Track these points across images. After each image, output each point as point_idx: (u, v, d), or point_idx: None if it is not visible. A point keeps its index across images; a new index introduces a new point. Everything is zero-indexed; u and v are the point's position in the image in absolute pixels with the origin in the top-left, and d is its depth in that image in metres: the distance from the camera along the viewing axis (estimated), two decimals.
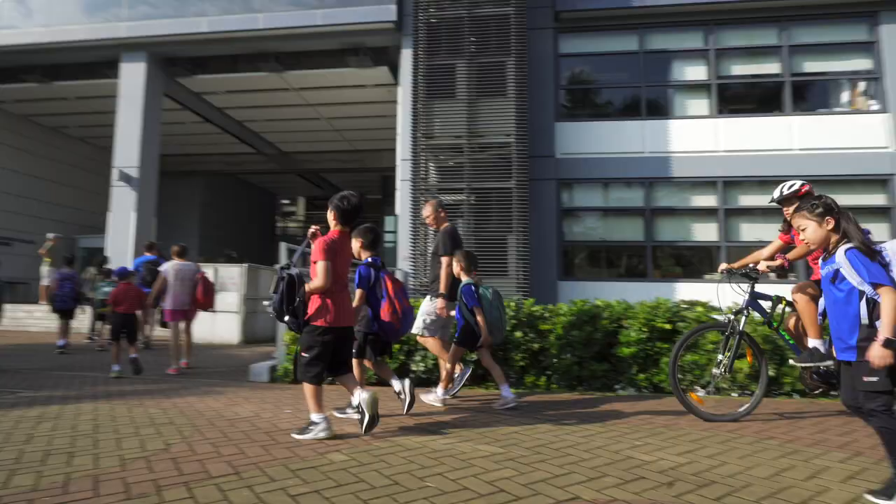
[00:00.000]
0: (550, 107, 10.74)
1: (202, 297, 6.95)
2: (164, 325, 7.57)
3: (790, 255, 3.90)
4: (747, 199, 10.27)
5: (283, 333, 5.73)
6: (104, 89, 13.61)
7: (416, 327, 4.44)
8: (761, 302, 4.03)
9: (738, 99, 11.03)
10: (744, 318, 3.94)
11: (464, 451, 2.97)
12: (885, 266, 2.26)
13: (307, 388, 3.27)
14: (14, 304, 12.63)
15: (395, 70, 12.25)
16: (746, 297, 3.96)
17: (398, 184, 11.13)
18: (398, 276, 10.88)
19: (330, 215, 3.55)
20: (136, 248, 11.91)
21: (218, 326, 10.47)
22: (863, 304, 2.24)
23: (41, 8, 12.89)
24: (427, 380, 5.25)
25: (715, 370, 4.03)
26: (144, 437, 3.24)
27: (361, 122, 16.37)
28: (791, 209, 3.75)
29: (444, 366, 4.47)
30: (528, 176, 9.66)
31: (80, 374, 6.06)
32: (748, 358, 4.27)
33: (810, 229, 2.43)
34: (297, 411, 4.05)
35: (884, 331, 2.13)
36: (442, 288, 4.46)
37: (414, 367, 5.32)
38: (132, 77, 12.50)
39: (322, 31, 11.49)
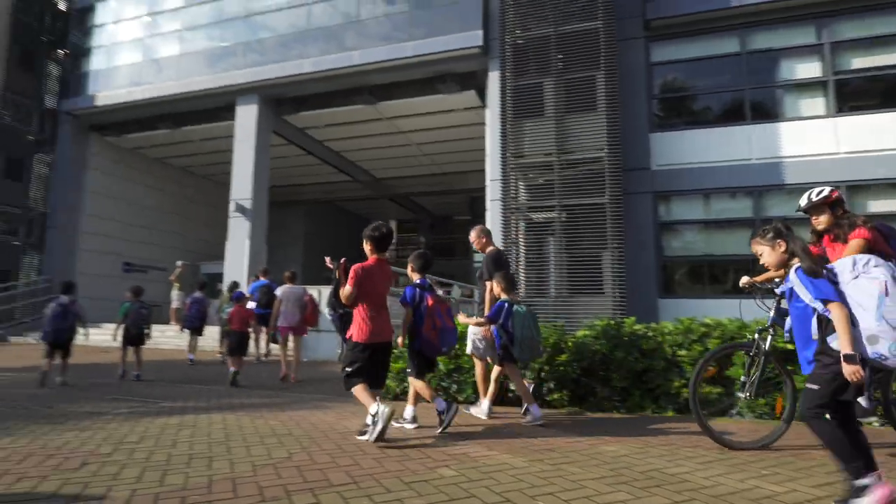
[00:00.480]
0: (644, 118, 10.40)
1: (310, 316, 7.66)
2: (274, 340, 8.40)
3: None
4: (876, 205, 9.21)
5: None
6: (222, 131, 15.18)
7: (468, 348, 4.66)
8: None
9: (860, 95, 9.99)
10: (769, 336, 3.60)
11: (573, 473, 2.91)
12: (835, 283, 2.34)
13: (356, 391, 3.69)
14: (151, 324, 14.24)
15: (482, 93, 12.50)
16: (772, 313, 3.61)
17: (488, 204, 11.26)
18: (477, 294, 10.98)
19: (366, 246, 3.90)
20: (249, 272, 13.02)
21: (322, 344, 11.09)
22: (814, 320, 2.37)
23: (170, 64, 14.73)
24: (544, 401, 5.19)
25: (739, 393, 3.70)
26: (269, 445, 3.52)
27: (450, 145, 16.81)
28: (820, 217, 3.50)
29: (492, 380, 4.64)
30: (622, 190, 9.38)
31: (207, 386, 6.70)
32: (778, 404, 3.82)
33: (766, 253, 2.62)
34: (401, 428, 4.18)
35: (842, 347, 2.21)
36: (486, 310, 4.66)
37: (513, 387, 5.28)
38: (246, 118, 13.84)
39: (412, 61, 12.06)
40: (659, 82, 10.86)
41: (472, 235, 5.14)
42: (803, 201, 3.62)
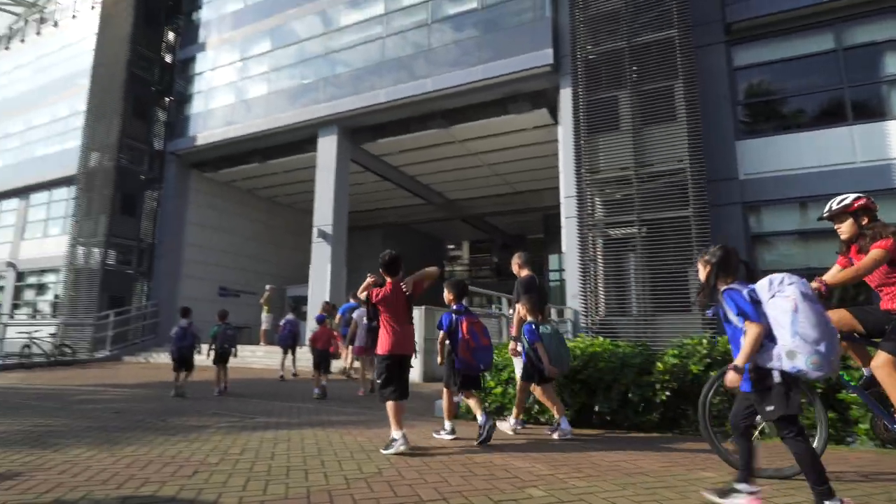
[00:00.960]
0: (729, 125, 9.89)
1: None
2: (356, 359, 8.92)
3: (828, 279, 3.24)
4: None
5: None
6: (305, 162, 16.16)
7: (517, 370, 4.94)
8: None
9: None
10: None
11: (670, 499, 2.77)
12: (757, 303, 2.48)
13: (389, 407, 3.93)
14: (240, 344, 15.22)
15: (553, 110, 12.46)
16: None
17: (563, 221, 11.10)
18: (567, 314, 10.74)
19: (382, 273, 4.40)
20: (331, 295, 13.61)
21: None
22: (742, 338, 2.47)
23: (258, 104, 15.95)
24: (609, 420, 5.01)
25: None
26: (359, 461, 3.64)
27: (522, 164, 16.80)
28: (842, 227, 3.32)
29: (518, 397, 4.86)
30: (707, 202, 8.91)
31: (296, 404, 7.03)
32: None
33: (701, 272, 2.76)
34: (485, 446, 4.17)
35: (738, 358, 2.42)
36: (513, 331, 4.90)
37: (598, 408, 5.11)
38: (326, 149, 14.66)
39: (483, 84, 12.28)
40: (744, 87, 10.30)
41: (513, 260, 5.43)
42: (826, 210, 3.42)
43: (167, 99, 18.30)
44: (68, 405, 6.63)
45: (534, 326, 4.60)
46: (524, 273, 5.28)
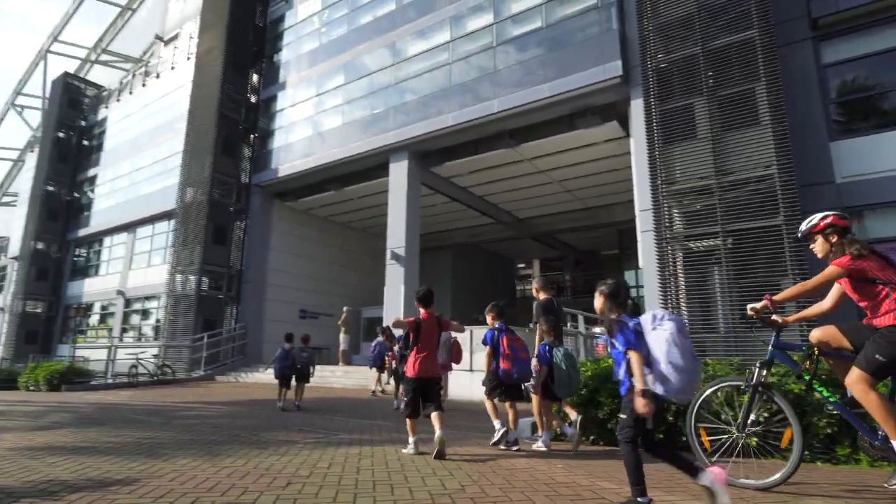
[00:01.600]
0: (821, 126, 9.20)
1: (455, 356, 8.39)
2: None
3: (777, 296, 3.30)
4: None
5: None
6: (377, 187, 16.77)
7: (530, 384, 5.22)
8: (790, 353, 3.52)
9: None
10: (765, 371, 3.38)
11: None
12: (640, 334, 2.78)
13: (408, 421, 4.71)
14: (320, 365, 15.82)
15: (624, 122, 12.18)
16: (770, 347, 3.44)
17: (639, 235, 10.73)
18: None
19: (417, 305, 4.89)
20: (404, 315, 13.88)
21: (475, 385, 11.27)
22: (624, 363, 2.77)
23: (332, 135, 16.81)
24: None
25: (734, 430, 3.44)
26: (441, 477, 3.67)
27: (593, 179, 16.48)
28: (815, 246, 3.38)
29: (540, 415, 5.14)
30: (799, 208, 8.28)
31: (376, 421, 7.19)
32: (785, 436, 3.39)
33: (597, 301, 2.99)
34: (568, 467, 4.07)
35: (637, 383, 2.66)
36: (534, 351, 5.22)
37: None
38: (398, 174, 15.15)
39: (550, 101, 12.26)
40: (836, 84, 9.57)
41: (533, 284, 5.97)
42: (799, 230, 3.53)
43: (252, 135, 19.77)
44: (172, 420, 7.18)
45: (546, 348, 5.01)
46: (542, 296, 5.71)
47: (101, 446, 4.93)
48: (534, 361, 5.09)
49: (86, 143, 29.66)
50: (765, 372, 3.39)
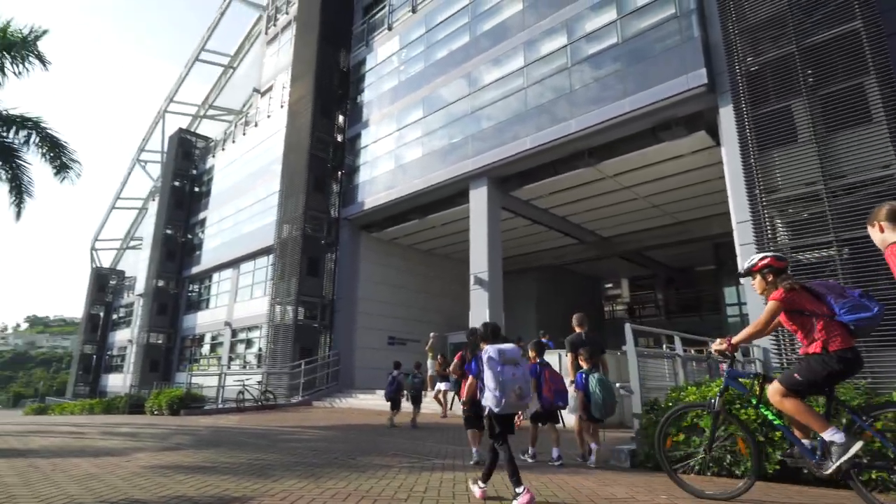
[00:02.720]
0: None
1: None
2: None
3: (735, 338, 3.60)
4: None
5: (638, 420, 5.65)
6: (459, 214, 17.08)
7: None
8: (742, 380, 3.89)
9: None
10: (719, 397, 3.86)
11: None
12: (483, 362, 3.74)
13: (470, 434, 5.67)
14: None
15: (713, 132, 11.59)
16: (725, 375, 3.86)
17: (737, 249, 10.06)
18: (756, 353, 9.51)
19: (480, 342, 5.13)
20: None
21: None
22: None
23: (413, 166, 17.43)
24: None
25: (700, 450, 4.03)
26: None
27: (682, 192, 15.71)
28: (755, 284, 3.64)
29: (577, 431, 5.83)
30: None
31: (467, 448, 7.18)
32: (740, 444, 4.10)
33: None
34: (673, 497, 3.84)
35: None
36: (569, 378, 6.03)
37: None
38: (478, 200, 15.35)
39: (631, 116, 11.95)
40: None
41: (573, 321, 6.85)
42: (740, 269, 3.96)
43: (339, 172, 21.00)
44: (276, 443, 7.64)
45: (583, 376, 5.74)
46: (578, 329, 6.77)
47: (218, 466, 5.36)
48: (572, 388, 5.83)
49: (197, 189, 33.01)
50: (720, 398, 3.86)
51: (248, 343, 25.00)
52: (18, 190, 12.87)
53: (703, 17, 11.24)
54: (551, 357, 10.28)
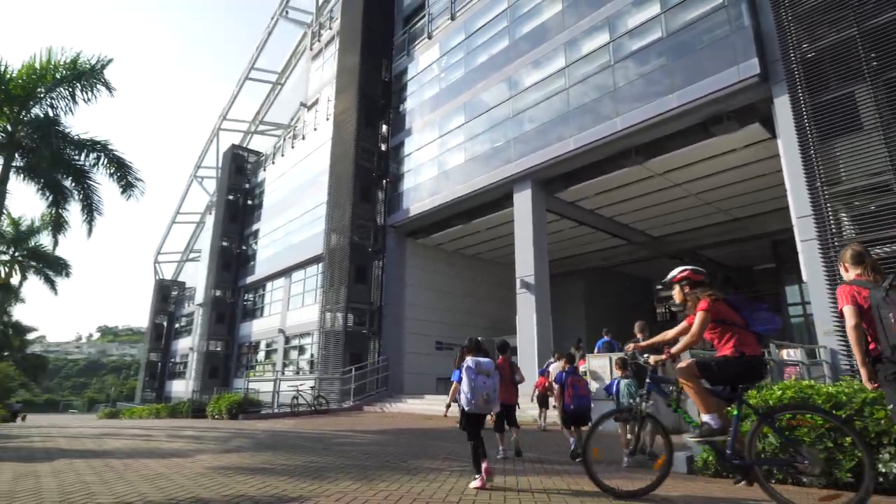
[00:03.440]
0: None
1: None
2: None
3: (674, 349, 3.89)
4: None
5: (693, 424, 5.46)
6: (503, 218, 17.03)
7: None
8: (663, 385, 4.09)
9: None
10: (644, 402, 3.98)
11: None
12: (464, 370, 4.55)
13: (496, 435, 6.52)
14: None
15: (768, 123, 11.08)
16: (647, 380, 4.01)
17: (798, 245, 9.55)
18: (822, 354, 8.99)
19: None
20: (538, 343, 13.73)
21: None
22: None
23: (456, 172, 17.52)
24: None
25: (625, 451, 4.55)
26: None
27: (736, 188, 15.07)
28: (673, 294, 4.04)
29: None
30: None
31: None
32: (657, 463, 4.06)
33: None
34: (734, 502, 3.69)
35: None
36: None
37: (884, 468, 4.11)
38: (522, 203, 15.26)
39: (679, 111, 11.61)
40: None
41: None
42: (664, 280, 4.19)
43: (384, 181, 21.38)
44: (330, 446, 7.84)
45: (616, 382, 6.37)
46: (640, 336, 7.29)
47: (276, 468, 5.56)
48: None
49: (250, 202, 34.40)
50: (644, 403, 4.01)
51: (301, 350, 25.76)
52: (89, 209, 13.85)
53: (754, 5, 10.78)
54: (600, 360, 10.10)
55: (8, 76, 12.23)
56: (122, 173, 13.58)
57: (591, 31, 13.91)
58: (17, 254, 23.77)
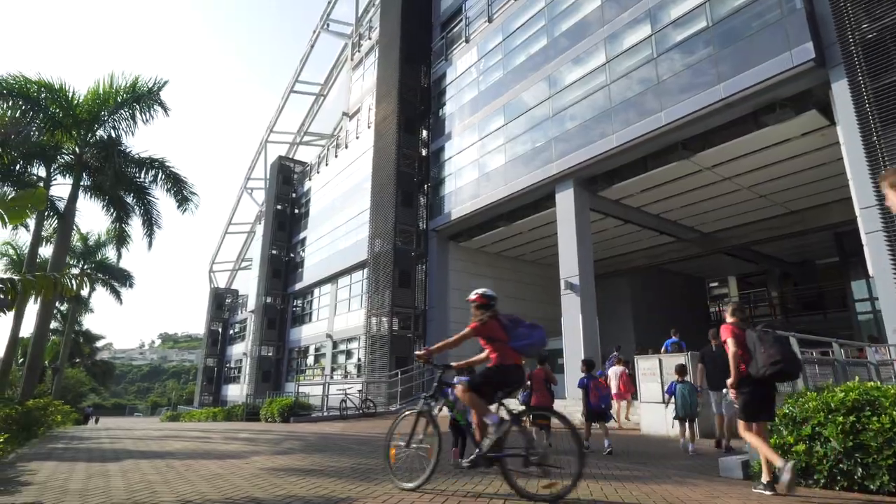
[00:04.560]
0: None
1: (623, 387, 9.40)
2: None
3: (432, 348, 4.65)
4: None
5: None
6: (545, 218, 16.84)
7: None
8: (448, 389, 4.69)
9: None
10: (433, 402, 4.52)
11: None
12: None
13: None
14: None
15: (826, 110, 10.50)
16: (436, 382, 4.59)
17: (863, 238, 8.98)
18: (892, 351, 8.39)
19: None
20: (585, 344, 13.46)
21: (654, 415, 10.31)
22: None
23: (497, 174, 17.46)
24: None
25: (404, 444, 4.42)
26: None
27: (792, 179, 14.34)
28: (473, 312, 4.62)
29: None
30: None
31: (566, 457, 7.02)
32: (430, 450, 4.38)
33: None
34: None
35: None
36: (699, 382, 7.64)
37: None
38: (564, 203, 15.05)
39: (728, 102, 11.17)
40: None
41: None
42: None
43: (426, 185, 21.58)
44: (378, 448, 7.95)
45: (674, 384, 7.41)
46: (713, 342, 7.43)
47: (326, 469, 5.70)
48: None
49: (297, 211, 35.47)
50: (432, 402, 4.50)
51: (348, 354, 26.27)
52: (149, 223, 14.66)
53: None
54: (673, 359, 9.81)
55: (75, 102, 13.14)
56: (178, 188, 14.30)
57: (633, 23, 13.59)
58: (86, 267, 25.44)
